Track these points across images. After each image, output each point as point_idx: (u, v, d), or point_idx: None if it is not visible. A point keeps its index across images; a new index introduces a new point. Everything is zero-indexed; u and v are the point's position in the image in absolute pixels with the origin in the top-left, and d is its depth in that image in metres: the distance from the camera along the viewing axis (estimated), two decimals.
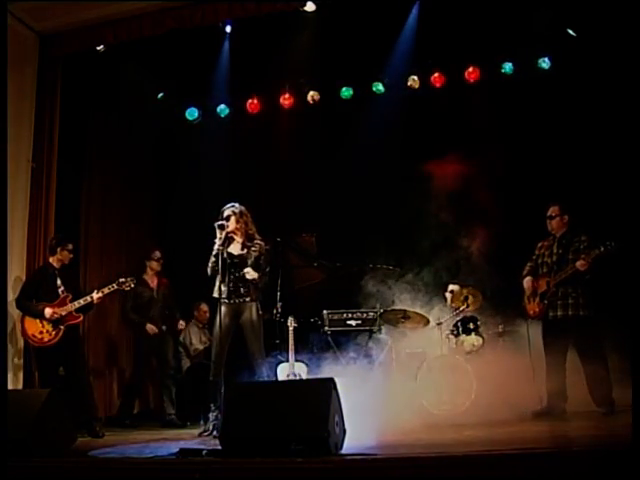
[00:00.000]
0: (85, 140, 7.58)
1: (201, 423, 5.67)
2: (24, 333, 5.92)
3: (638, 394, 3.36)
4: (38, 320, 5.84)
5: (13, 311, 6.12)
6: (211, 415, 5.30)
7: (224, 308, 5.40)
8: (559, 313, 5.49)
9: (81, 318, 6.01)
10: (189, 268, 6.44)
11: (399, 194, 7.23)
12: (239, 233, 5.55)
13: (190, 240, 7.04)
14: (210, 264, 5.46)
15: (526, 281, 5.74)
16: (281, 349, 6.29)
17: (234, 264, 5.47)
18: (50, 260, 6.09)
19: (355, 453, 3.59)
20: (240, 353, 5.50)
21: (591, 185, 6.56)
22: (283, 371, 6.04)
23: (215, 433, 5.04)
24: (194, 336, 7.49)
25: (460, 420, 5.16)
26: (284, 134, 7.95)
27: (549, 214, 5.72)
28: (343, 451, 3.70)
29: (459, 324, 6.11)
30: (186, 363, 7.35)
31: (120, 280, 6.03)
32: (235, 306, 5.45)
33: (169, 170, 8.64)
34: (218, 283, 5.38)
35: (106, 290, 5.97)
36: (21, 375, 6.26)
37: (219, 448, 3.78)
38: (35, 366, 6.13)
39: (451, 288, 6.30)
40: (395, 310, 6.33)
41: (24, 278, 6.39)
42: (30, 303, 5.92)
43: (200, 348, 7.43)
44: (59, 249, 6.04)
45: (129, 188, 8.15)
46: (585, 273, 5.35)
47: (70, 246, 6.11)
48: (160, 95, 8.21)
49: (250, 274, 5.39)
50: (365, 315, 6.68)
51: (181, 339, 7.37)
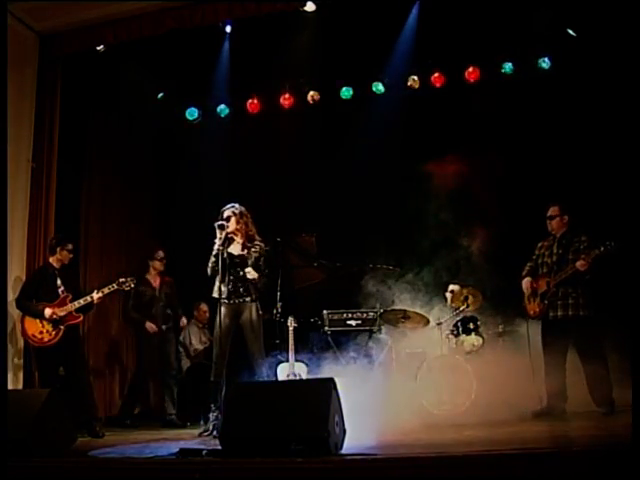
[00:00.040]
0: (85, 140, 7.58)
1: (201, 423, 5.67)
2: (24, 333, 5.93)
3: (638, 394, 3.36)
4: (38, 320, 5.84)
5: (13, 311, 6.12)
6: (211, 415, 5.30)
7: (224, 308, 5.41)
8: (559, 313, 5.49)
9: (81, 318, 6.02)
10: (189, 268, 6.45)
11: (399, 194, 7.23)
12: (239, 234, 5.55)
13: (190, 240, 7.04)
14: (210, 264, 5.47)
15: (525, 282, 5.74)
16: (281, 349, 6.27)
17: (234, 264, 5.47)
18: (50, 260, 6.09)
19: (355, 453, 3.58)
20: (240, 353, 5.51)
21: (591, 185, 6.56)
22: (283, 371, 6.04)
23: (215, 433, 5.04)
24: (194, 336, 7.48)
25: (460, 420, 5.16)
26: (284, 134, 7.95)
27: (549, 214, 5.72)
28: (343, 451, 3.69)
29: (459, 324, 6.11)
30: (186, 363, 7.34)
31: (120, 280, 6.03)
32: (235, 306, 5.46)
33: (169, 170, 8.64)
34: (218, 283, 5.39)
35: (106, 290, 5.98)
36: (21, 375, 6.26)
37: (219, 448, 3.77)
38: (35, 366, 6.13)
39: (451, 288, 6.30)
40: (395, 310, 6.33)
41: (24, 278, 6.39)
42: (30, 303, 5.92)
43: (200, 348, 7.43)
44: (59, 249, 6.04)
45: (129, 188, 8.15)
46: (585, 273, 5.35)
47: (70, 246, 6.11)
48: (160, 95, 8.21)
49: (251, 273, 5.41)
50: (365, 315, 6.68)
51: (181, 339, 7.36)
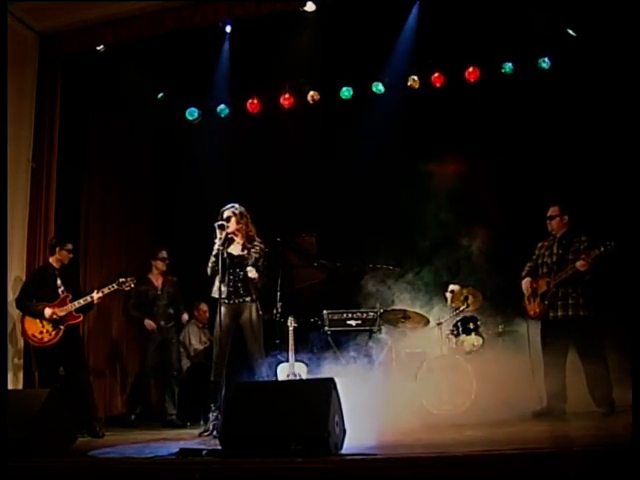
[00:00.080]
0: (85, 140, 7.57)
1: (201, 423, 5.68)
2: (24, 333, 5.93)
3: (638, 394, 3.36)
4: (38, 320, 5.84)
5: (13, 311, 6.12)
6: (211, 415, 5.30)
7: (224, 308, 5.41)
8: (559, 313, 5.49)
9: (81, 318, 6.02)
10: (189, 268, 6.45)
11: (399, 194, 7.23)
12: (239, 234, 5.56)
13: (190, 240, 7.03)
14: (210, 264, 5.47)
15: (524, 282, 5.74)
16: (281, 349, 6.27)
17: (234, 264, 5.48)
18: (50, 260, 6.09)
19: (355, 453, 3.58)
20: (240, 353, 5.51)
21: (591, 185, 6.56)
22: (283, 371, 6.04)
23: (215, 433, 5.04)
24: (194, 336, 7.49)
25: (460, 420, 5.16)
26: (284, 134, 7.93)
27: (549, 214, 5.72)
28: (343, 451, 3.69)
29: (459, 324, 6.11)
30: (186, 363, 7.34)
31: (120, 280, 6.03)
32: (235, 306, 5.47)
33: (169, 170, 8.64)
34: (218, 283, 5.39)
35: (106, 290, 5.98)
36: (21, 375, 6.26)
37: (219, 448, 3.77)
38: (35, 366, 6.13)
39: (451, 288, 6.30)
40: (395, 310, 6.33)
41: (24, 278, 6.39)
42: (30, 303, 5.92)
43: (200, 348, 7.43)
44: (58, 249, 6.04)
45: (129, 188, 8.14)
46: (585, 273, 5.35)
47: (69, 246, 6.11)
48: (160, 95, 8.20)
49: (252, 273, 5.41)
50: (365, 315, 6.68)
51: (181, 339, 7.37)
